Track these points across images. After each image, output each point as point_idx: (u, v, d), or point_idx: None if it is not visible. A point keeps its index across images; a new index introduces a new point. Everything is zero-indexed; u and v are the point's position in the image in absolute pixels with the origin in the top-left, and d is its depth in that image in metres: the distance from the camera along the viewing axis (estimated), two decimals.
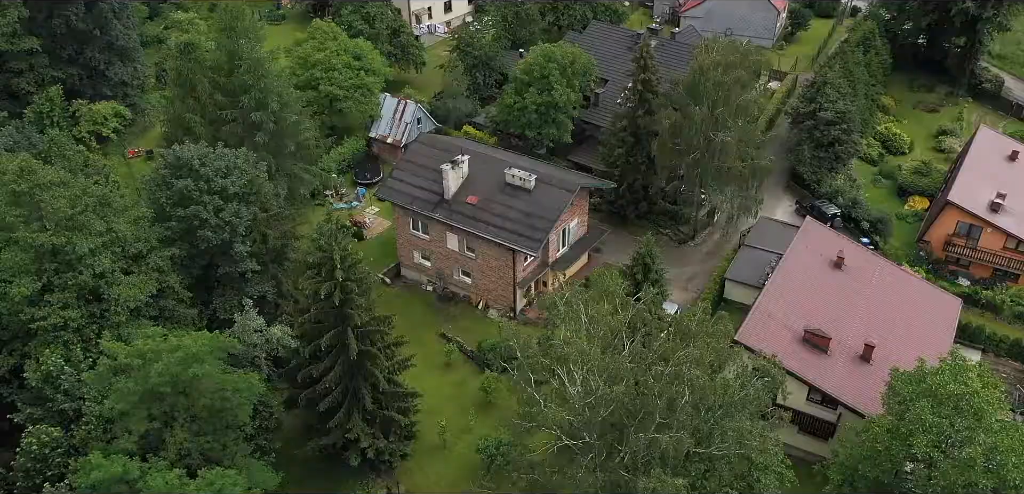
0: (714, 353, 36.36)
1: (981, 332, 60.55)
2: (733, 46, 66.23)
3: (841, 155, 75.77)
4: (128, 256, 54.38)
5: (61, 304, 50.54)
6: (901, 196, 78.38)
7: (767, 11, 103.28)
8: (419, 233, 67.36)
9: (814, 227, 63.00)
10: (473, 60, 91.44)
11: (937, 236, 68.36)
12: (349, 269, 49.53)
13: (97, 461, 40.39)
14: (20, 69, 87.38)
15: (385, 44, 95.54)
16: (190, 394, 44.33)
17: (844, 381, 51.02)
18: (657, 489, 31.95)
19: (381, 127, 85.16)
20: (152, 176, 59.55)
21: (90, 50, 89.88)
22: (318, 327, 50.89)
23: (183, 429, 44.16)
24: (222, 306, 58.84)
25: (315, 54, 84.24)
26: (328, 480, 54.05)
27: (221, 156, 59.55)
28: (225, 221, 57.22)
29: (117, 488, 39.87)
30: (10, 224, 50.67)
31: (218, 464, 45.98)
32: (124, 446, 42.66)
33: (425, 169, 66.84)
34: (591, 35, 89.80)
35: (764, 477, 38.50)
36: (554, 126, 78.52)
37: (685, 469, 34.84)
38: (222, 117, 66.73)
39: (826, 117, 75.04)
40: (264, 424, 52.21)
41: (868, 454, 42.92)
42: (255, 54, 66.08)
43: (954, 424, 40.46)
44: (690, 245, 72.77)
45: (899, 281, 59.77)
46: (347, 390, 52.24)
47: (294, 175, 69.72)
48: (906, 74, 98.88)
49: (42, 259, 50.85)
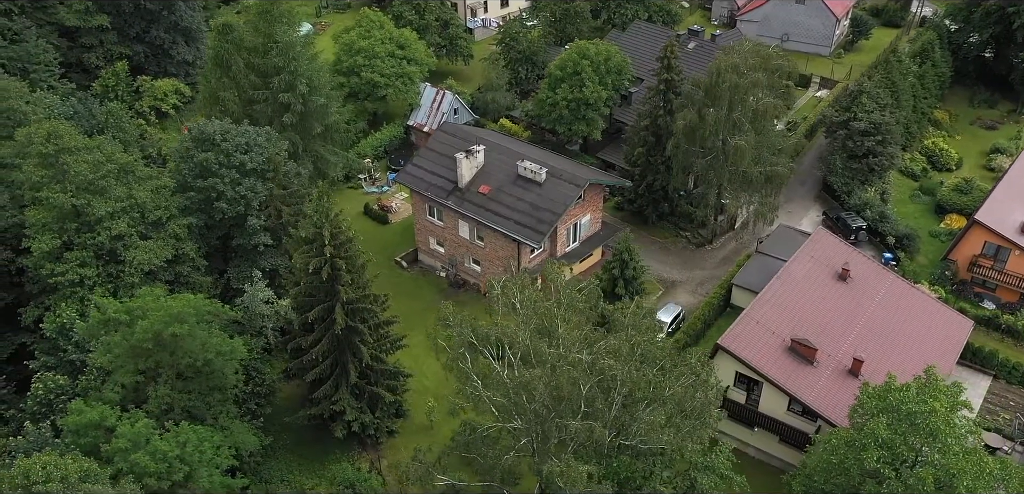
0: (632, 346, 36.42)
1: (993, 358, 58.21)
2: (755, 50, 65.37)
3: (875, 167, 73.59)
4: (147, 222, 57.65)
5: (79, 262, 54.16)
6: (939, 213, 75.66)
7: (825, 18, 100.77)
8: (434, 219, 68.99)
9: (824, 237, 61.64)
10: (516, 54, 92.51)
11: (963, 255, 65.82)
12: (340, 246, 51.38)
13: (77, 407, 43.39)
14: (91, 44, 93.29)
15: (434, 35, 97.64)
16: (175, 353, 46.89)
17: (826, 394, 50.05)
18: (562, 473, 32.48)
19: (420, 116, 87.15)
20: (178, 148, 62.91)
21: (156, 29, 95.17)
22: (309, 300, 53.01)
23: (166, 385, 46.81)
24: (235, 276, 61.79)
25: (360, 42, 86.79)
26: (317, 449, 56.11)
27: (243, 132, 62.50)
28: (240, 195, 60.12)
29: (94, 433, 42.67)
30: (37, 184, 54.47)
31: (202, 422, 48.80)
32: (109, 396, 45.63)
33: (443, 157, 68.37)
34: (632, 34, 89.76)
35: (702, 477, 38.39)
36: (585, 123, 78.91)
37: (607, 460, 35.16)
38: (255, 96, 69.88)
39: (859, 127, 73.04)
40: (256, 389, 54.64)
41: (824, 466, 42.29)
42: (287, 38, 68.92)
43: (908, 442, 39.51)
44: (707, 249, 72.12)
45: (908, 298, 57.97)
46: (336, 364, 54.25)
47: (320, 156, 72.35)
48: (967, 88, 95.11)
49: (64, 219, 54.46)
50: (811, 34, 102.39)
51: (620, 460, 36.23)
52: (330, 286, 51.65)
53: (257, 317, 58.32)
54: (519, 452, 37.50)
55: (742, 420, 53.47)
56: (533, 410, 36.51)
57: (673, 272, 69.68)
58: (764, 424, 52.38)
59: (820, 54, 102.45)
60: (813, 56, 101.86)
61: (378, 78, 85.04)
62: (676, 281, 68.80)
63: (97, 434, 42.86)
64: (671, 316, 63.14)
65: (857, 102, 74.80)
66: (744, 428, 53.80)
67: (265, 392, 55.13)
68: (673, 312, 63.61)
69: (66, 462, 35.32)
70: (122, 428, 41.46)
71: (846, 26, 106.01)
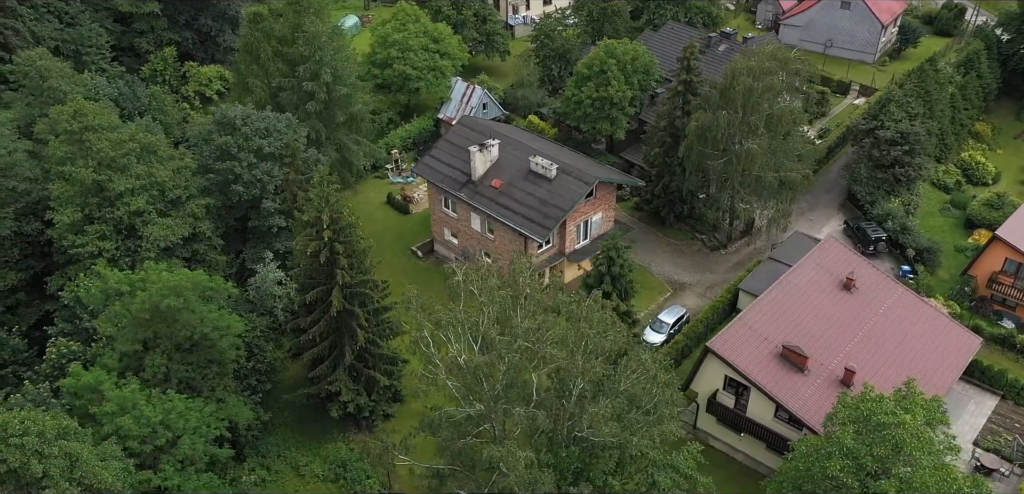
0: (578, 337, 36.71)
1: (1002, 377, 56.52)
2: (773, 53, 64.60)
3: (900, 178, 71.94)
4: (166, 200, 60.08)
5: (98, 235, 56.93)
6: (968, 228, 73.53)
7: (870, 24, 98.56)
8: (449, 211, 70.11)
9: (832, 246, 60.62)
10: (549, 52, 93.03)
11: (982, 271, 63.92)
12: (339, 231, 52.83)
13: (76, 371, 45.76)
14: (142, 29, 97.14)
15: (471, 31, 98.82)
16: (173, 325, 48.94)
17: (814, 403, 49.41)
18: (503, 457, 33.10)
19: (449, 109, 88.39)
20: (201, 131, 65.32)
21: (204, 17, 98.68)
22: (309, 282, 54.62)
23: (162, 355, 48.90)
24: (250, 256, 63.98)
25: (394, 34, 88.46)
26: (315, 428, 57.72)
27: (263, 118, 64.65)
28: (257, 178, 62.23)
29: (89, 396, 44.96)
30: (62, 159, 57.33)
31: (199, 393, 50.88)
32: (108, 362, 47.95)
33: (460, 150, 69.39)
34: (665, 35, 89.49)
35: (660, 475, 38.49)
36: (608, 121, 79.04)
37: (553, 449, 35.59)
38: (281, 84, 72.03)
39: (886, 136, 71.51)
40: (257, 366, 56.50)
41: (792, 473, 41.96)
42: (313, 28, 70.85)
43: (873, 453, 38.95)
44: (721, 253, 71.58)
45: (914, 312, 56.66)
46: (335, 345, 55.78)
47: (342, 145, 74.15)
48: (1016, 101, 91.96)
49: (86, 193, 57.23)
50: (855, 41, 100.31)
51: (569, 451, 36.65)
52: (328, 269, 53.15)
53: (268, 297, 60.39)
54: (480, 437, 38.19)
55: (730, 424, 53.19)
56: (492, 396, 37.21)
57: (684, 274, 69.38)
58: (751, 430, 52.01)
59: (864, 62, 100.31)
60: (857, 63, 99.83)
61: (410, 71, 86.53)
62: (686, 283, 68.51)
63: (92, 397, 45.15)
64: (674, 318, 63.05)
65: (885, 110, 73.18)
66: (732, 433, 53.51)
67: (265, 369, 56.89)
68: (677, 314, 63.48)
69: (44, 418, 37.41)
70: (110, 392, 43.54)
71: (894, 33, 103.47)
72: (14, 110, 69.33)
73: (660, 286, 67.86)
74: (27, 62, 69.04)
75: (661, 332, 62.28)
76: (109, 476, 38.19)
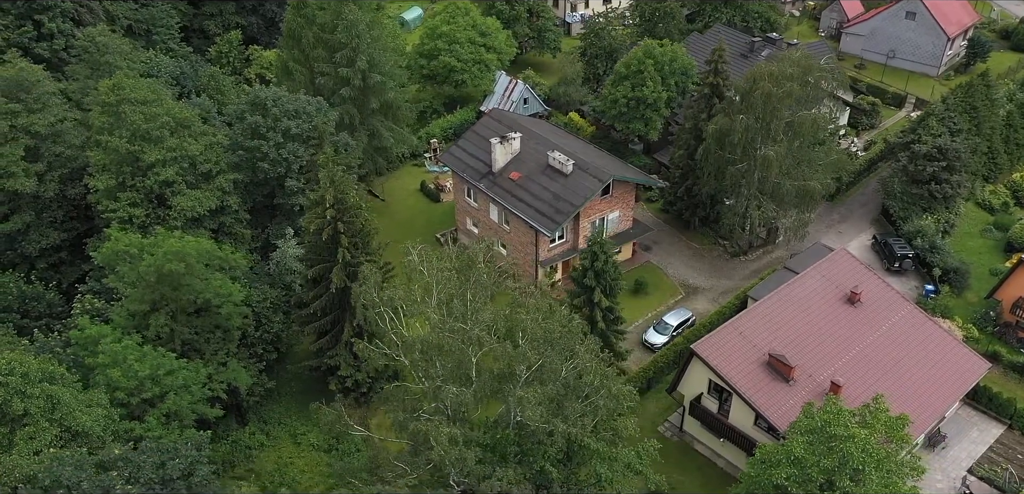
0: (509, 321, 37.38)
1: (1011, 406, 54.27)
2: (799, 60, 63.47)
3: (937, 194, 69.43)
4: (197, 173, 63.47)
5: (130, 202, 60.72)
6: (1008, 251, 70.39)
7: (935, 36, 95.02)
8: (470, 201, 71.54)
9: (842, 258, 59.22)
10: (596, 50, 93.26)
11: (1008, 296, 61.26)
12: (342, 211, 54.91)
13: (83, 324, 49.21)
14: (212, 13, 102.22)
15: (523, 26, 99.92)
16: (178, 289, 51.92)
17: (795, 413, 48.63)
18: (429, 431, 34.36)
19: (492, 102, 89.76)
20: (235, 109, 68.60)
21: (270, 3, 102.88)
22: (314, 258, 56.96)
23: (167, 317, 51.95)
24: (274, 232, 66.95)
25: (443, 26, 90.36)
26: (317, 399, 59.59)
27: (292, 100, 67.52)
28: (283, 157, 65.10)
29: (91, 346, 48.26)
30: (100, 128, 61.30)
31: (201, 355, 53.85)
32: (116, 320, 51.28)
33: (484, 142, 70.70)
34: (710, 37, 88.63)
35: (602, 466, 38.83)
36: (642, 122, 78.98)
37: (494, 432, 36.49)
38: (320, 69, 74.84)
39: (922, 151, 69.20)
40: (264, 335, 59.19)
41: (746, 480, 41.77)
42: (352, 15, 73.31)
43: (820, 464, 38.47)
44: (741, 260, 70.70)
45: (920, 331, 54.88)
46: (336, 321, 57.99)
47: (376, 131, 76.47)
48: None
49: (121, 162, 61.05)
50: (919, 52, 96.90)
51: (505, 434, 37.50)
52: (331, 247, 55.32)
53: (286, 271, 63.13)
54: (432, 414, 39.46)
55: (712, 429, 52.89)
56: (441, 376, 38.48)
57: (699, 279, 68.88)
58: (730, 436, 51.62)
59: (927, 74, 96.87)
60: (919, 75, 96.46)
61: (455, 62, 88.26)
62: (700, 288, 68.03)
63: (92, 349, 48.46)
64: (679, 320, 62.83)
65: (923, 124, 70.81)
66: (714, 438, 53.19)
67: (272, 338, 59.51)
68: (682, 317, 63.26)
69: (30, 360, 40.60)
70: (106, 346, 46.70)
71: (962, 47, 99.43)
72: (76, 83, 74.24)
73: (673, 288, 67.63)
74: (87, 38, 73.79)
75: (664, 333, 62.19)
76: (88, 420, 41.08)
